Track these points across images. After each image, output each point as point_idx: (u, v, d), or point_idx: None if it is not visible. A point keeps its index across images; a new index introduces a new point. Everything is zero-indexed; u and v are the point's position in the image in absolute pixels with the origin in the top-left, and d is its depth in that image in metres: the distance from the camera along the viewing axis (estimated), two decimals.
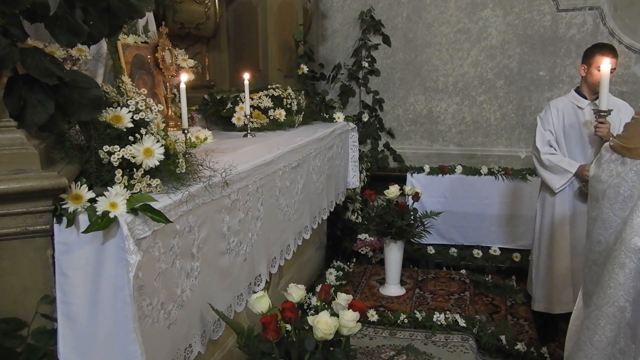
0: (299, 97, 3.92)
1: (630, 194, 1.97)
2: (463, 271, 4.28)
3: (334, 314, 2.03)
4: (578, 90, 3.38)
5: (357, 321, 2.03)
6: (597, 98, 3.05)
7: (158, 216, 1.59)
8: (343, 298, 2.13)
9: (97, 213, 1.50)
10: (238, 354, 2.22)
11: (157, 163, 1.73)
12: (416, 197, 3.90)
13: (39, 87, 1.50)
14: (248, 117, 3.32)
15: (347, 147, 4.19)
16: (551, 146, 3.39)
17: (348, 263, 4.35)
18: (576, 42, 4.59)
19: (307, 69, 4.32)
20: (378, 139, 5.14)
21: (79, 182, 1.58)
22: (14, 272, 1.53)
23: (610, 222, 2.03)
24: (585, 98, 3.32)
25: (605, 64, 2.87)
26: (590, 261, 2.16)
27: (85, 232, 1.49)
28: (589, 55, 3.25)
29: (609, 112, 2.94)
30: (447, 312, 3.42)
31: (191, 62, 2.98)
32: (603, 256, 2.06)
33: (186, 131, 2.25)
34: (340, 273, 4.08)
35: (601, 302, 1.98)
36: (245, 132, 3.34)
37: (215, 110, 3.61)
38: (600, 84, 2.89)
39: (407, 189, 4.04)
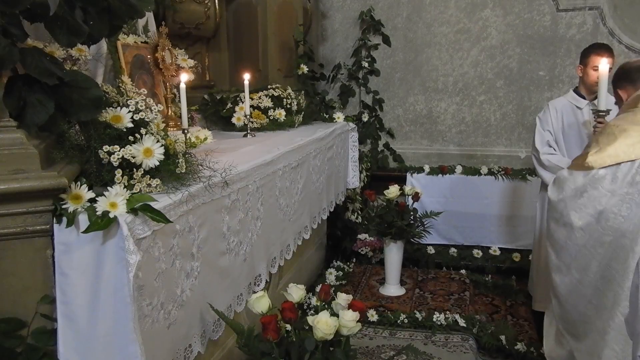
0: (299, 97, 3.92)
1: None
2: (463, 271, 4.28)
3: (334, 314, 2.03)
4: (577, 91, 3.38)
5: (357, 321, 2.03)
6: (595, 98, 3.06)
7: (158, 216, 1.59)
8: (343, 298, 2.13)
9: (97, 213, 1.50)
10: (238, 354, 2.21)
11: (157, 163, 1.73)
12: (416, 197, 3.90)
13: (39, 87, 1.50)
14: (248, 117, 3.32)
15: (347, 147, 4.19)
16: (550, 146, 3.39)
17: (348, 263, 4.36)
18: (576, 42, 4.59)
19: (307, 69, 4.32)
20: (378, 139, 5.14)
21: (79, 182, 1.58)
22: (14, 272, 1.53)
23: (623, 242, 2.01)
24: (584, 98, 3.33)
25: (603, 64, 2.87)
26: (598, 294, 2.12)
27: (85, 232, 1.49)
28: (585, 55, 3.28)
29: (607, 112, 2.93)
30: (447, 312, 3.42)
31: (191, 62, 2.98)
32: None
33: (186, 131, 2.25)
34: (340, 273, 4.08)
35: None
36: (245, 132, 3.34)
37: (215, 110, 3.61)
38: (598, 84, 2.89)
39: (407, 189, 4.04)
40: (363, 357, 2.96)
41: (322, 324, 1.93)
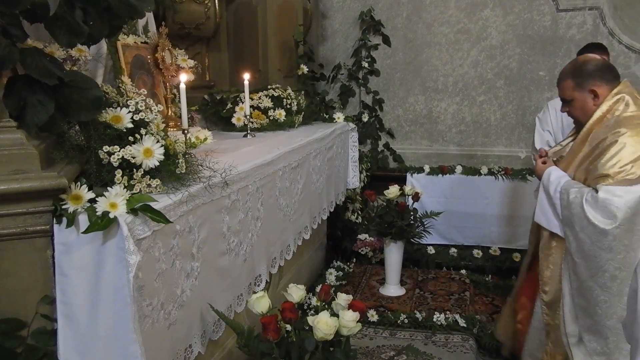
0: (299, 98, 3.92)
1: None
2: (463, 271, 4.28)
3: (334, 314, 2.03)
4: None
5: (357, 321, 2.03)
6: None
7: (158, 216, 1.59)
8: (343, 298, 2.13)
9: (97, 213, 1.50)
10: (238, 354, 2.22)
11: (157, 163, 1.73)
12: (416, 197, 3.90)
13: (39, 87, 1.50)
14: (248, 117, 3.32)
15: (347, 147, 4.19)
16: (550, 146, 3.39)
17: (348, 263, 4.35)
18: (576, 42, 4.58)
19: (307, 69, 4.31)
20: (378, 139, 5.14)
21: (79, 183, 1.58)
22: (14, 273, 1.53)
23: None
24: None
25: None
26: None
27: (85, 232, 1.49)
28: (579, 55, 3.29)
29: None
30: (447, 312, 3.42)
31: (191, 62, 2.98)
32: None
33: (186, 131, 2.25)
34: (340, 273, 4.08)
35: None
36: (245, 133, 3.34)
37: (215, 111, 3.61)
38: None
39: (407, 189, 4.04)
40: (363, 357, 2.96)
41: (322, 324, 1.93)
